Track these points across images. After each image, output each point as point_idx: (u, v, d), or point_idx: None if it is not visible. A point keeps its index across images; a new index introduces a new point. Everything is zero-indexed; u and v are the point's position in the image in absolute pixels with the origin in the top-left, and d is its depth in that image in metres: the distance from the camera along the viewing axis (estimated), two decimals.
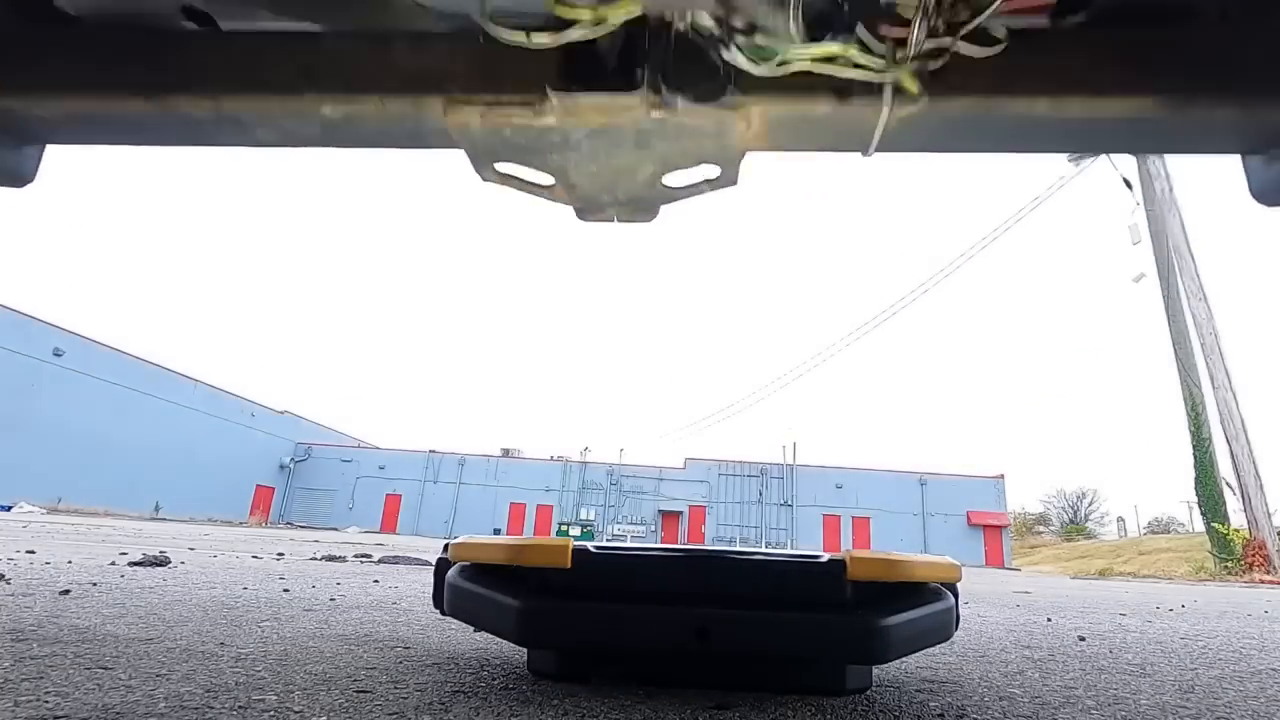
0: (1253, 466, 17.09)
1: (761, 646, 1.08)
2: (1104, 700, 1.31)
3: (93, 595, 2.10)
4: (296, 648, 1.43)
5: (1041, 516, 59.18)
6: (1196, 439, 18.15)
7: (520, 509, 37.71)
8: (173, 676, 1.10)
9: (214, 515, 30.13)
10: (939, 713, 1.14)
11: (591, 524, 33.51)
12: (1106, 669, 1.72)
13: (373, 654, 1.42)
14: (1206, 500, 18.10)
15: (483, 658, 1.44)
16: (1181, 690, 1.47)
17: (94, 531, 8.21)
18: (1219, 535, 17.59)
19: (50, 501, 23.48)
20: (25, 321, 24.44)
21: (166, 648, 1.34)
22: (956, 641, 2.13)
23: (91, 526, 10.07)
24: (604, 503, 37.45)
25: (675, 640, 1.08)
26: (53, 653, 1.22)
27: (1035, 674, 1.59)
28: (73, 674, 1.07)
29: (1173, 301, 18.79)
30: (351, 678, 1.17)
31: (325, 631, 1.69)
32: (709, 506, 36.78)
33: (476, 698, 1.07)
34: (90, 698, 0.94)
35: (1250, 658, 2.10)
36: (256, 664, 1.24)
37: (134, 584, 2.50)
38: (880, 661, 1.22)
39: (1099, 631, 2.72)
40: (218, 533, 11.71)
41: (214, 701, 0.96)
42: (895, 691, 1.29)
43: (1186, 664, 1.89)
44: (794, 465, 37.12)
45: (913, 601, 1.16)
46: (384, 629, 1.80)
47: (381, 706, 0.99)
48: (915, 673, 1.51)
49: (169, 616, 1.76)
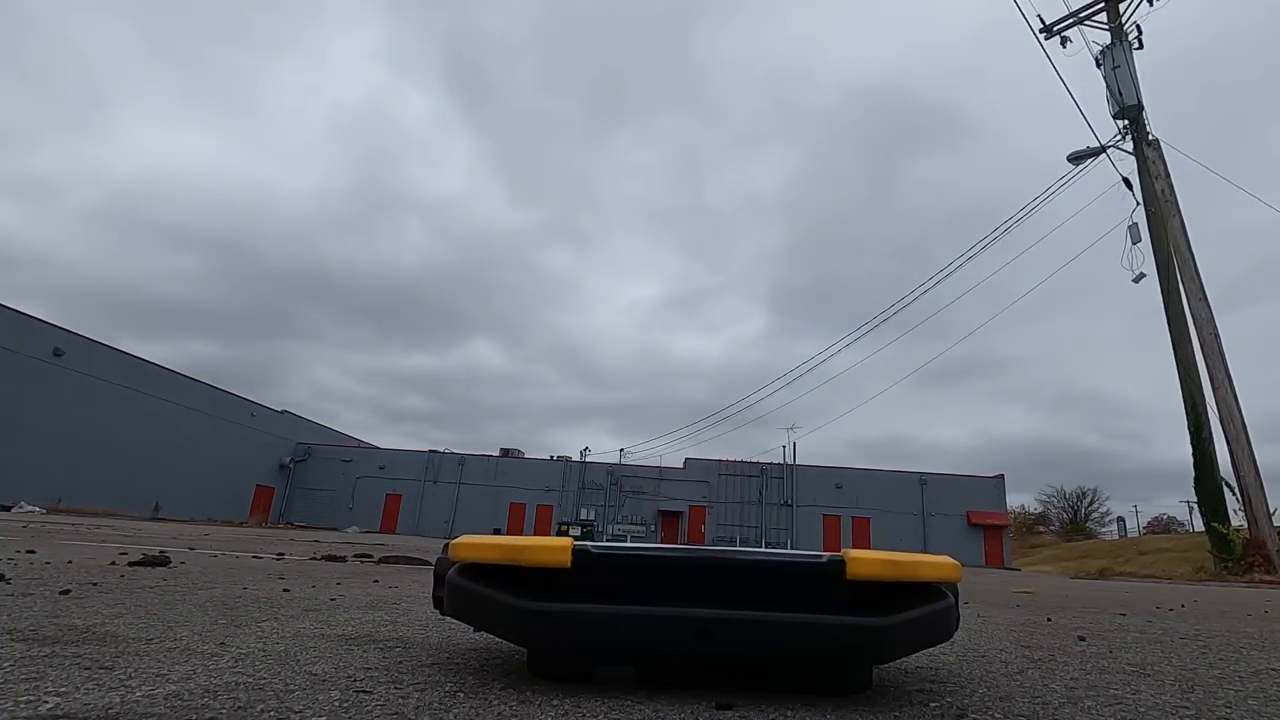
0: (1253, 466, 17.08)
1: (761, 646, 1.08)
2: (1104, 700, 1.31)
3: (93, 595, 2.10)
4: (296, 648, 1.43)
5: (1041, 516, 59.16)
6: (1196, 439, 18.14)
7: (520, 509, 37.69)
8: (173, 676, 1.10)
9: (214, 515, 30.11)
10: (939, 713, 1.13)
11: (591, 524, 33.48)
12: (1106, 669, 1.72)
13: (373, 654, 1.42)
14: (1206, 500, 18.09)
15: (483, 658, 1.44)
16: (1181, 690, 1.47)
17: (94, 531, 8.21)
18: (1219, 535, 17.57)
19: (50, 501, 23.47)
20: (25, 321, 24.44)
21: (166, 648, 1.34)
22: (956, 641, 2.13)
23: (91, 526, 10.06)
24: (604, 503, 37.44)
25: (675, 640, 1.08)
26: (53, 653, 1.22)
27: (1035, 674, 1.59)
28: (73, 674, 1.07)
29: (1173, 302, 18.79)
30: (351, 678, 1.17)
31: (325, 631, 1.69)
32: (709, 506, 36.77)
33: (476, 698, 1.07)
34: (90, 698, 0.94)
35: (1250, 658, 2.10)
36: (256, 664, 1.24)
37: (134, 584, 2.50)
38: (880, 661, 1.22)
39: (1099, 631, 2.72)
40: (218, 533, 11.70)
41: (214, 701, 0.96)
42: (895, 691, 1.29)
43: (1186, 664, 1.89)
44: (794, 465, 37.11)
45: (913, 601, 1.16)
46: (384, 629, 1.79)
47: (381, 706, 0.99)
48: (915, 673, 1.51)
49: (169, 616, 1.76)
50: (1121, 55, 20.02)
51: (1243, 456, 17.16)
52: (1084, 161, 21.93)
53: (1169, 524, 54.23)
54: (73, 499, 24.72)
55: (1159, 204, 19.33)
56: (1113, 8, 20.63)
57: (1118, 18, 20.55)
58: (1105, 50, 20.54)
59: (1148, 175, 19.81)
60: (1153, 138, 20.05)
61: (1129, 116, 20.27)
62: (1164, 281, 19.16)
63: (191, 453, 31.66)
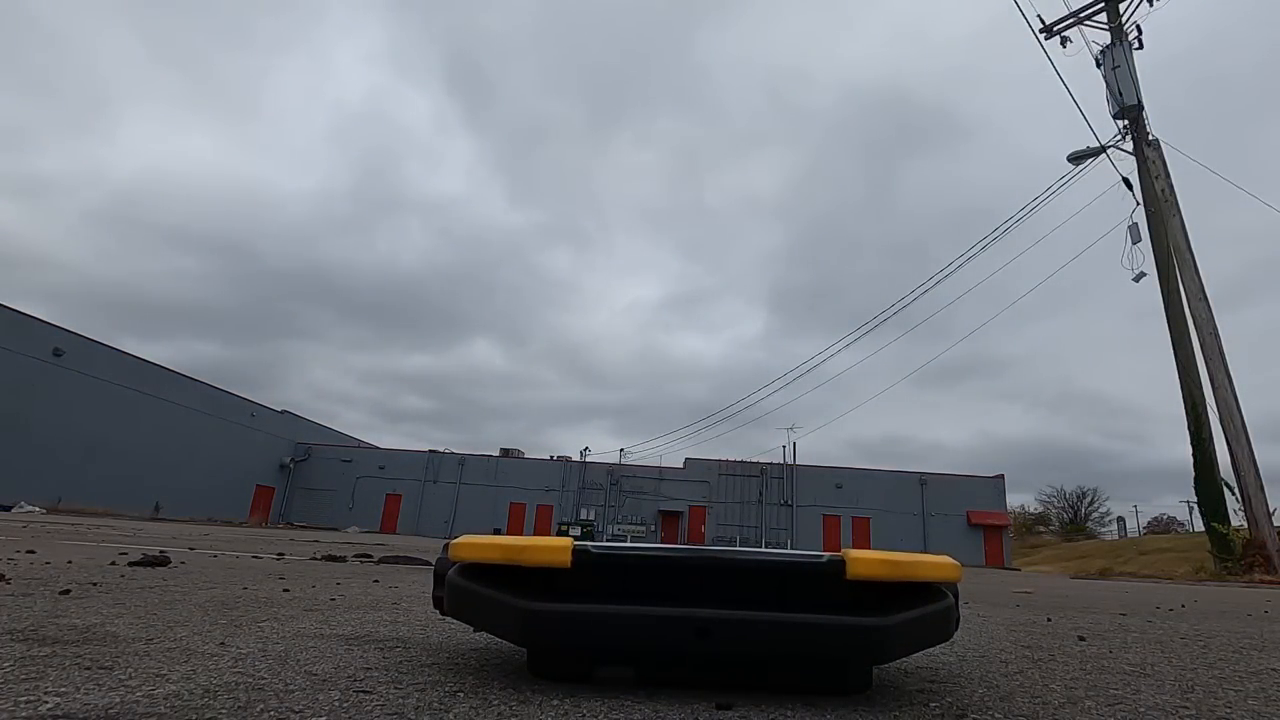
0: (1253, 466, 17.08)
1: (761, 646, 1.08)
2: (1104, 700, 1.31)
3: (93, 595, 2.10)
4: (296, 648, 1.43)
5: (1041, 516, 59.15)
6: (1196, 439, 18.14)
7: (520, 509, 37.69)
8: (173, 676, 1.10)
9: (214, 515, 30.10)
10: (939, 713, 1.13)
11: (591, 524, 33.46)
12: (1106, 669, 1.72)
13: (373, 654, 1.42)
14: (1206, 500, 18.09)
15: (483, 658, 1.44)
16: (1181, 690, 1.47)
17: (94, 531, 8.21)
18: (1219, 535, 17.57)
19: (50, 501, 23.47)
20: (25, 321, 24.43)
21: (166, 648, 1.34)
22: (956, 641, 2.13)
23: (91, 526, 10.06)
24: (604, 503, 37.44)
25: (675, 640, 1.08)
26: (53, 653, 1.22)
27: (1035, 674, 1.59)
28: (73, 674, 1.07)
29: (1173, 302, 18.78)
30: (351, 678, 1.17)
31: (325, 631, 1.69)
32: (709, 506, 36.76)
33: (476, 698, 1.07)
34: (90, 698, 0.94)
35: (1250, 658, 2.10)
36: (256, 664, 1.24)
37: (134, 584, 2.50)
38: (880, 661, 1.22)
39: (1099, 631, 2.72)
40: (218, 532, 11.70)
41: (214, 701, 0.96)
42: (895, 691, 1.29)
43: (1186, 664, 1.89)
44: (794, 465, 37.11)
45: (913, 601, 1.16)
46: (384, 629, 1.79)
47: (381, 706, 0.99)
48: (915, 673, 1.51)
49: (169, 616, 1.76)
50: (1121, 55, 20.03)
51: (1243, 456, 17.16)
52: (1084, 162, 21.93)
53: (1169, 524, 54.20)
54: (73, 499, 24.71)
55: (1159, 204, 19.32)
56: (1113, 8, 20.63)
57: (1118, 18, 20.55)
58: (1105, 50, 20.54)
59: (1148, 175, 19.81)
60: (1153, 138, 20.05)
61: (1129, 116, 20.27)
62: (1164, 281, 19.16)
63: (191, 453, 31.65)
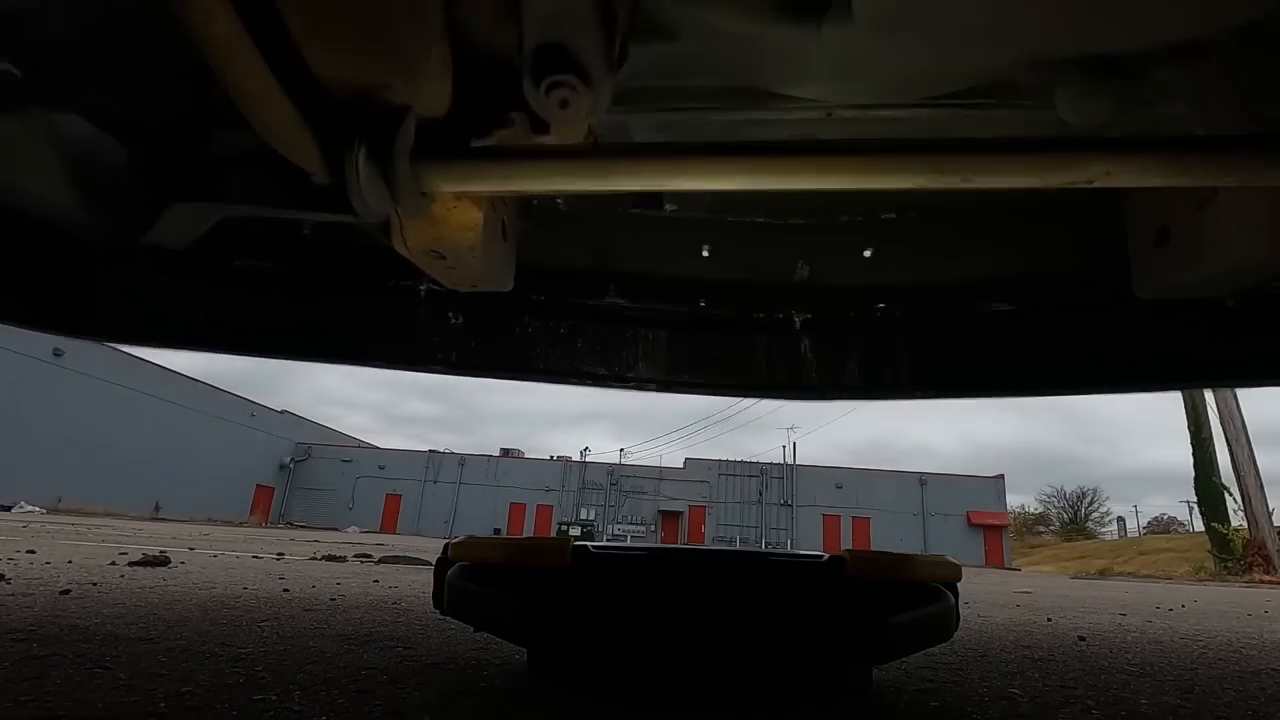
0: (1253, 466, 17.09)
1: (761, 646, 1.08)
2: (1104, 700, 1.31)
3: (93, 595, 2.10)
4: (296, 648, 1.43)
5: (1041, 516, 59.19)
6: (1196, 439, 18.16)
7: (520, 509, 37.69)
8: (173, 676, 1.10)
9: (214, 515, 30.08)
10: (939, 713, 1.14)
11: (591, 524, 33.47)
12: (1106, 669, 1.72)
13: (373, 654, 1.42)
14: (1206, 500, 18.11)
15: (483, 658, 1.44)
16: (1181, 690, 1.47)
17: (94, 531, 8.21)
18: (1219, 535, 17.59)
19: (50, 501, 23.46)
20: None
21: (166, 648, 1.34)
22: (956, 641, 2.13)
23: (91, 526, 10.07)
24: (604, 503, 37.44)
25: (675, 639, 1.08)
26: (53, 653, 1.22)
27: (1035, 674, 1.59)
28: (73, 674, 1.07)
29: None
30: (351, 678, 1.17)
31: (325, 631, 1.69)
32: (709, 506, 36.76)
33: (476, 698, 1.07)
34: (90, 698, 0.94)
35: (1250, 658, 2.10)
36: (256, 664, 1.24)
37: (134, 584, 2.50)
38: (880, 661, 1.22)
39: (1099, 631, 2.72)
40: (218, 532, 11.70)
41: (214, 701, 0.96)
42: (895, 691, 1.29)
43: (1186, 664, 1.89)
44: (794, 465, 37.12)
45: (913, 601, 1.16)
46: (384, 629, 1.79)
47: (381, 706, 0.99)
48: (915, 673, 1.51)
49: (169, 616, 1.76)
50: None
51: (1243, 457, 17.18)
52: None
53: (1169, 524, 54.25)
54: (73, 499, 24.71)
55: None
56: None
57: None
58: None
59: None
60: None
61: None
62: None
63: (191, 453, 31.66)
